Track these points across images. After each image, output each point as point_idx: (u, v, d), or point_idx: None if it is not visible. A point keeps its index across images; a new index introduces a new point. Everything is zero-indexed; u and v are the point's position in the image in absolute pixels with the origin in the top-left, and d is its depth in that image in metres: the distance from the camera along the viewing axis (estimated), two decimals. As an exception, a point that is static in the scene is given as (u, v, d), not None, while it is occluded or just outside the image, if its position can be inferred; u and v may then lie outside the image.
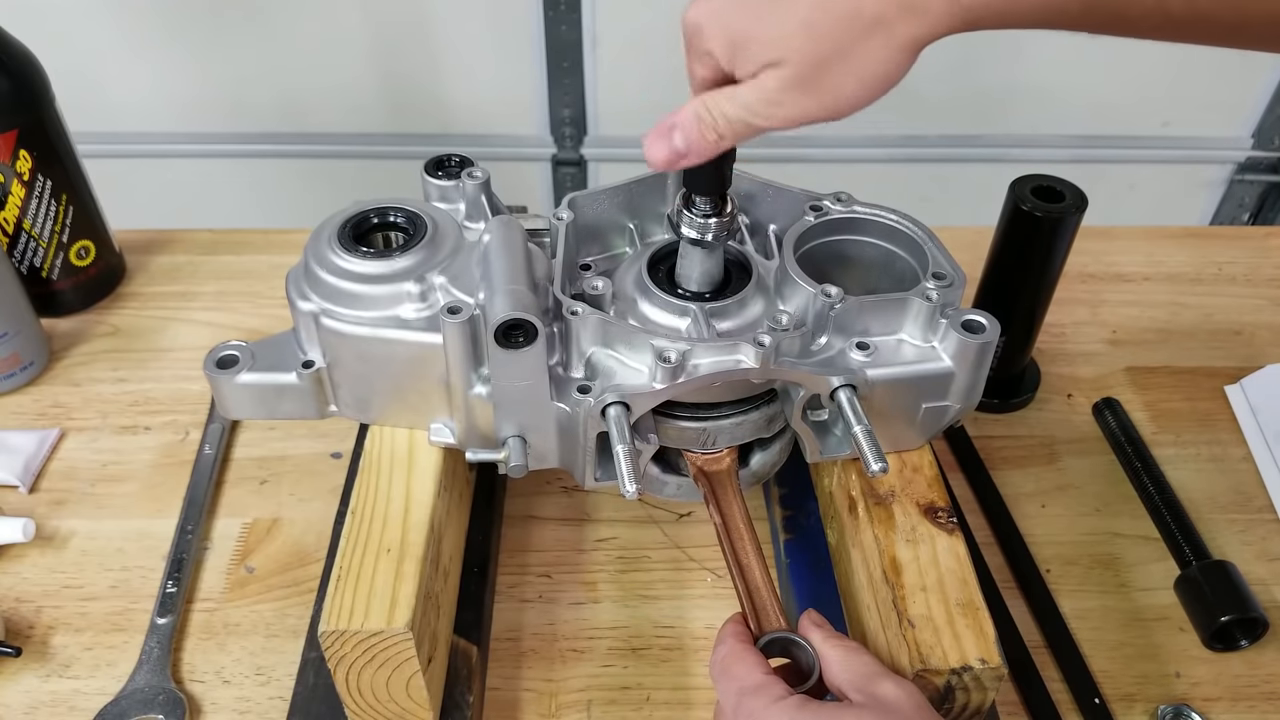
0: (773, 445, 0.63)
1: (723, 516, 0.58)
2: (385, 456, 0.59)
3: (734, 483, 0.60)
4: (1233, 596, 0.64)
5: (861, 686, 0.47)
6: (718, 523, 0.58)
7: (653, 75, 1.63)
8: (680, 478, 0.62)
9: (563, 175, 1.75)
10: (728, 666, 0.49)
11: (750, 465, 0.63)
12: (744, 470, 0.62)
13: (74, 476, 0.75)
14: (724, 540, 0.57)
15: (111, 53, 1.60)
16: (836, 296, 0.55)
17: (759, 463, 0.63)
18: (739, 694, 0.47)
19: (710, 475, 0.60)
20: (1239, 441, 0.79)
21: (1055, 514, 0.74)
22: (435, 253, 0.58)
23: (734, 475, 0.60)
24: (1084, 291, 0.93)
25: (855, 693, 0.47)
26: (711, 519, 0.58)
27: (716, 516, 0.58)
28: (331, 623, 0.50)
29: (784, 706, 0.46)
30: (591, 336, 0.55)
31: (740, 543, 0.56)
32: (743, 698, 0.47)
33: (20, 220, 0.83)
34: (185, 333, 0.88)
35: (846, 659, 0.49)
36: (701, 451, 0.60)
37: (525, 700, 0.62)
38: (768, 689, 0.47)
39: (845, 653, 0.49)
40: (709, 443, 0.59)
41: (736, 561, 0.55)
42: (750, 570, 0.55)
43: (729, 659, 0.49)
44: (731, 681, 0.48)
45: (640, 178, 0.63)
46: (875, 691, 0.47)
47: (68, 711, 0.61)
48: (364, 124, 1.69)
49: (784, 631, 0.52)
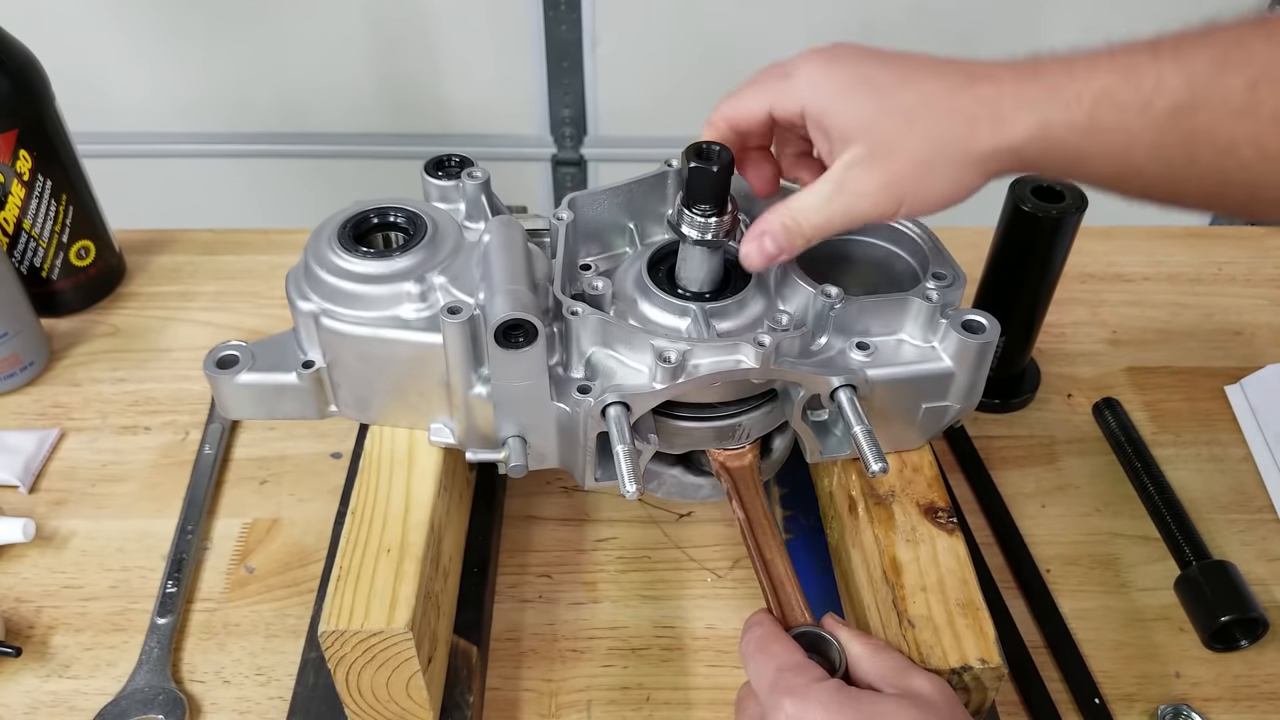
0: (789, 428, 0.63)
1: (746, 512, 0.58)
2: (385, 456, 0.59)
3: (756, 478, 0.60)
4: (1233, 596, 0.64)
5: (893, 681, 0.48)
6: (741, 518, 0.58)
7: (653, 75, 1.64)
8: (712, 479, 0.62)
9: (563, 175, 1.75)
10: (765, 645, 0.49)
11: (773, 454, 0.63)
12: (764, 462, 0.62)
13: (74, 476, 0.75)
14: (748, 535, 0.57)
15: (111, 53, 1.60)
16: (836, 296, 0.55)
17: (780, 448, 0.63)
18: (778, 670, 0.47)
19: (733, 471, 0.60)
20: (1239, 441, 0.79)
21: (1055, 514, 0.74)
22: (435, 253, 0.58)
23: (756, 470, 0.60)
24: (1084, 291, 0.93)
25: (888, 687, 0.48)
26: (734, 515, 0.58)
27: (740, 512, 0.58)
28: (331, 623, 0.50)
29: (825, 687, 0.46)
30: (591, 336, 0.56)
31: (764, 537, 0.57)
32: (782, 674, 0.47)
33: (20, 220, 0.83)
34: (185, 333, 0.88)
35: (875, 655, 0.49)
36: (724, 448, 0.60)
37: (525, 700, 0.62)
38: (808, 669, 0.47)
39: (874, 649, 0.50)
40: (743, 437, 0.59)
41: (761, 556, 0.56)
42: (775, 565, 0.55)
43: (766, 638, 0.50)
44: (770, 659, 0.48)
45: (640, 177, 0.63)
46: (908, 686, 0.47)
47: (68, 711, 0.61)
48: (364, 124, 1.69)
49: (811, 626, 0.52)
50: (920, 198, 0.49)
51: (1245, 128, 0.44)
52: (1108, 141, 0.46)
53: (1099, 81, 0.46)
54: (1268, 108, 0.43)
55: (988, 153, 0.48)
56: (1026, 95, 0.47)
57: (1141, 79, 0.45)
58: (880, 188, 0.49)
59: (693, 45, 1.59)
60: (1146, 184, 0.48)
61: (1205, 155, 0.45)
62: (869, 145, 0.49)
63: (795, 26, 1.56)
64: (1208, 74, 0.44)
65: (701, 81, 1.62)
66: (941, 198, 0.49)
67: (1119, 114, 0.45)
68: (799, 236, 0.52)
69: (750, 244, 0.53)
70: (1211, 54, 0.44)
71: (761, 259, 0.53)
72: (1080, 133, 0.46)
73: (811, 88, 0.51)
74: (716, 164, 0.53)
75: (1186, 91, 0.44)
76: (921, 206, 0.50)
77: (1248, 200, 0.48)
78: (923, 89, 0.48)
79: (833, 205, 0.50)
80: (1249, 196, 0.47)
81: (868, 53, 0.51)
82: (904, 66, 0.50)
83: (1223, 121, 0.44)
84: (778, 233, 0.52)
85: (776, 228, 0.52)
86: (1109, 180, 0.49)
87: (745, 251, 0.53)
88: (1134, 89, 0.45)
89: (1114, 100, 0.45)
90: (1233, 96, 0.44)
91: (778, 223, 0.52)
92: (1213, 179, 0.46)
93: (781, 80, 0.52)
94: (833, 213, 0.51)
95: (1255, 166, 0.45)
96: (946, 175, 0.49)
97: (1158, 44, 0.46)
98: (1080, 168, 0.48)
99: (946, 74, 0.49)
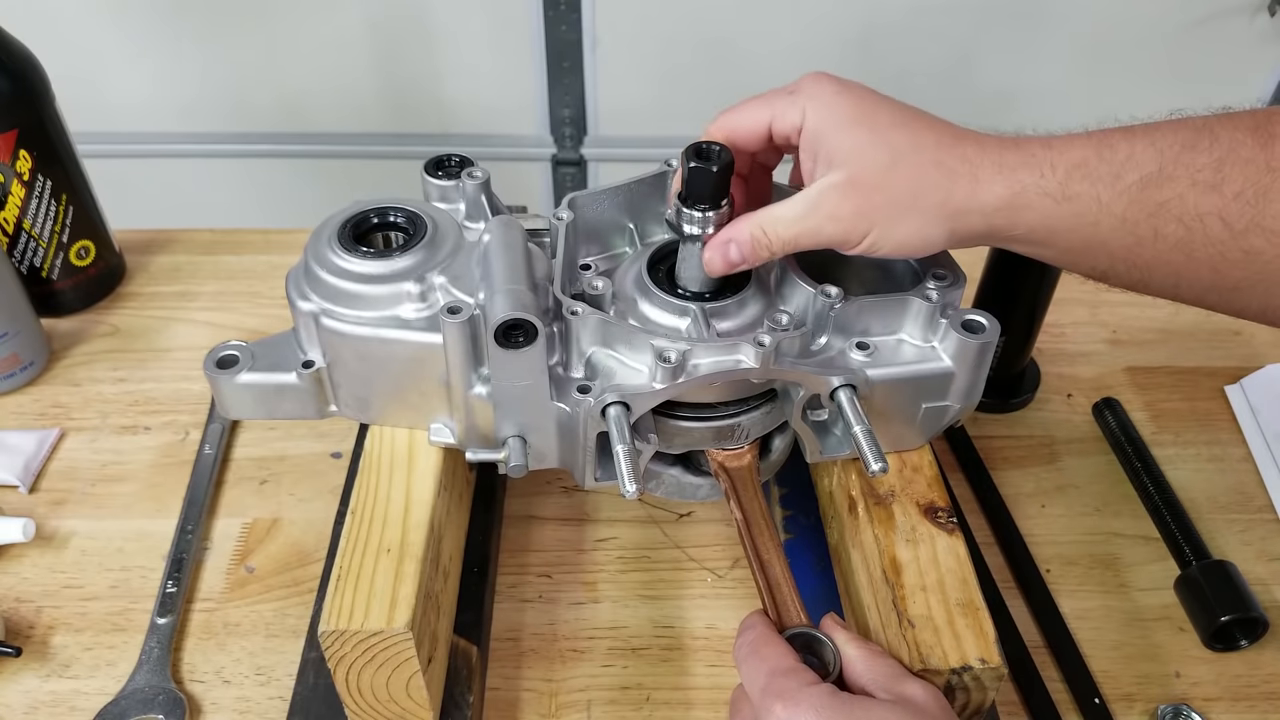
0: (789, 428, 0.63)
1: (744, 512, 0.58)
2: (385, 456, 0.59)
3: (755, 478, 0.60)
4: (1233, 596, 0.64)
5: (887, 686, 0.48)
6: (739, 518, 0.58)
7: (653, 75, 1.63)
8: (711, 479, 0.62)
9: (563, 175, 1.75)
10: (758, 648, 0.49)
11: (772, 454, 0.63)
12: (763, 462, 0.62)
13: (74, 476, 0.75)
14: (745, 536, 0.57)
15: (111, 53, 1.60)
16: (836, 296, 0.55)
17: (779, 448, 0.63)
18: (770, 674, 0.47)
19: (731, 471, 0.60)
20: (1239, 441, 0.79)
21: (1055, 514, 0.74)
22: (435, 253, 0.58)
23: (755, 470, 0.60)
24: (1084, 291, 0.93)
25: (881, 692, 0.48)
26: (732, 515, 0.58)
27: (738, 512, 0.58)
28: (331, 623, 0.50)
29: (817, 691, 0.46)
30: (591, 336, 0.56)
31: (762, 538, 0.57)
32: (774, 678, 0.47)
33: (20, 220, 0.83)
34: (185, 333, 0.88)
35: (870, 660, 0.50)
36: (723, 448, 0.60)
37: (525, 700, 0.62)
38: (800, 673, 0.47)
39: (869, 654, 0.50)
40: (742, 437, 0.59)
41: (758, 557, 0.56)
42: (771, 566, 0.55)
43: (758, 642, 0.50)
44: (762, 662, 0.48)
45: (640, 177, 0.63)
46: (902, 692, 0.48)
47: (68, 711, 0.61)
48: (364, 124, 1.69)
49: (806, 627, 0.52)
50: (886, 237, 0.51)
51: (1211, 201, 0.46)
52: (1078, 211, 0.48)
53: (1074, 154, 0.48)
54: (1232, 186, 0.45)
55: (960, 210, 0.49)
56: (1006, 160, 0.49)
57: (1114, 153, 0.47)
58: (853, 215, 0.50)
59: (693, 45, 1.59)
60: (1113, 258, 0.50)
61: (1171, 229, 0.47)
62: (851, 173, 0.50)
63: (794, 27, 1.56)
64: (1176, 151, 0.46)
65: (701, 81, 1.62)
66: (904, 243, 0.51)
67: (1091, 184, 0.47)
68: (764, 249, 0.53)
69: (715, 250, 0.54)
70: (1180, 136, 0.47)
71: (724, 266, 0.54)
72: (1052, 199, 0.48)
73: (814, 106, 0.52)
74: (716, 164, 0.53)
75: (1156, 165, 0.47)
76: (885, 246, 0.51)
77: (1210, 282, 0.49)
78: (915, 137, 0.50)
79: (804, 223, 0.52)
80: (1211, 277, 0.48)
81: (873, 92, 0.53)
82: (904, 113, 0.52)
83: (1189, 194, 0.46)
84: (744, 242, 0.53)
85: (745, 237, 0.53)
86: (1076, 254, 0.51)
87: (709, 257, 0.55)
88: (1106, 162, 0.47)
89: (1087, 170, 0.48)
90: (1200, 173, 0.46)
91: (746, 232, 0.53)
92: (1177, 255, 0.48)
93: (786, 96, 0.53)
94: (802, 230, 0.52)
95: (1221, 242, 0.46)
96: (916, 223, 0.50)
97: (1132, 127, 0.48)
98: (1049, 238, 0.50)
99: (939, 129, 0.51)
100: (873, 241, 0.51)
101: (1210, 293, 0.50)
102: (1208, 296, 0.50)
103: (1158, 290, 0.51)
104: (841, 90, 0.52)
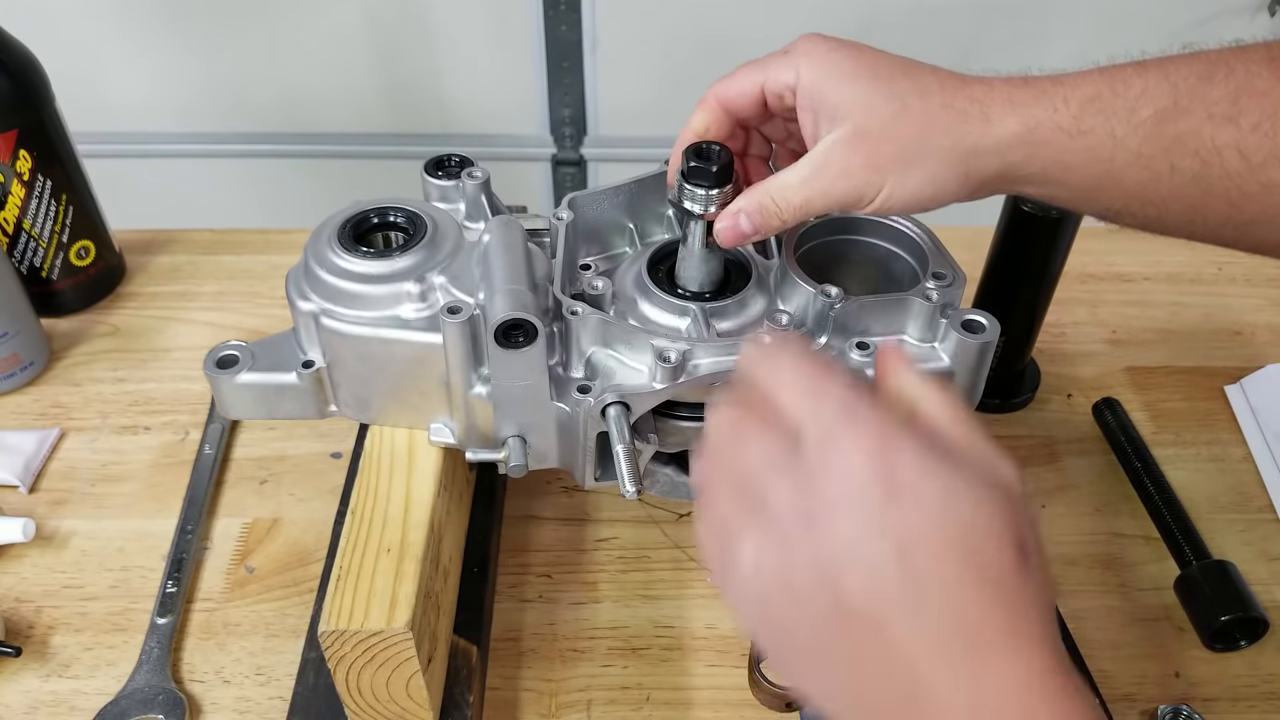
0: None
1: None
2: (385, 456, 0.59)
3: None
4: (1233, 596, 0.64)
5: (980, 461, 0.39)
6: None
7: (653, 75, 1.63)
8: None
9: (563, 175, 1.75)
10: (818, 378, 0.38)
11: None
12: None
13: (74, 476, 0.75)
14: None
15: (111, 53, 1.60)
16: (836, 296, 0.55)
17: None
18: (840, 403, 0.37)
19: None
20: (1239, 441, 0.79)
21: (1055, 514, 0.74)
22: (435, 253, 0.58)
23: None
24: (1084, 291, 0.93)
25: None
26: None
27: None
28: (331, 623, 0.50)
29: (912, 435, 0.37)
30: (591, 336, 0.56)
31: None
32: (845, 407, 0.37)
33: (20, 220, 0.83)
34: (185, 333, 0.88)
35: None
36: None
37: (525, 700, 0.62)
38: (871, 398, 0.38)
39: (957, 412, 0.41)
40: None
41: None
42: None
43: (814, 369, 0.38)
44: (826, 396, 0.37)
45: (640, 177, 0.63)
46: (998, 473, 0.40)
47: (68, 711, 0.61)
48: (364, 123, 1.69)
49: None
50: (900, 188, 0.49)
51: (1228, 134, 0.45)
52: (1092, 145, 0.47)
53: (1087, 89, 0.47)
54: (1249, 118, 0.44)
55: (973, 150, 0.48)
56: (1017, 97, 0.47)
57: (1128, 87, 0.46)
58: (863, 169, 0.49)
59: (693, 45, 1.59)
60: (1127, 196, 0.48)
61: (1187, 164, 0.46)
62: (857, 125, 0.48)
63: (794, 26, 1.56)
64: (1192, 84, 0.45)
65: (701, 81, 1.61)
66: (918, 193, 0.49)
67: (1105, 119, 0.46)
68: (775, 217, 0.51)
69: (725, 221, 0.53)
70: (1195, 69, 0.46)
71: (734, 237, 0.53)
72: (1066, 135, 0.47)
73: (809, 63, 0.50)
74: (716, 164, 0.53)
75: (1170, 98, 0.45)
76: (898, 198, 0.49)
77: (1226, 216, 0.48)
78: (919, 82, 0.49)
79: (813, 185, 0.50)
80: (1228, 211, 0.47)
81: (869, 46, 0.51)
82: (904, 62, 0.50)
83: (1205, 127, 0.45)
84: (754, 212, 0.52)
85: (753, 207, 0.52)
86: (1090, 193, 0.49)
87: (719, 229, 0.53)
88: (1120, 96, 0.46)
89: (1101, 105, 0.46)
90: (1216, 106, 0.45)
91: (755, 202, 0.52)
92: (1193, 190, 0.47)
93: (779, 56, 0.52)
94: (813, 193, 0.50)
95: (1239, 175, 0.45)
96: (929, 169, 0.48)
97: (1144, 61, 0.47)
98: (1063, 175, 0.49)
99: (942, 74, 0.50)
100: (887, 195, 0.49)
101: (1226, 227, 0.48)
102: (1223, 231, 0.49)
103: (1173, 228, 0.50)
104: (837, 45, 0.51)
